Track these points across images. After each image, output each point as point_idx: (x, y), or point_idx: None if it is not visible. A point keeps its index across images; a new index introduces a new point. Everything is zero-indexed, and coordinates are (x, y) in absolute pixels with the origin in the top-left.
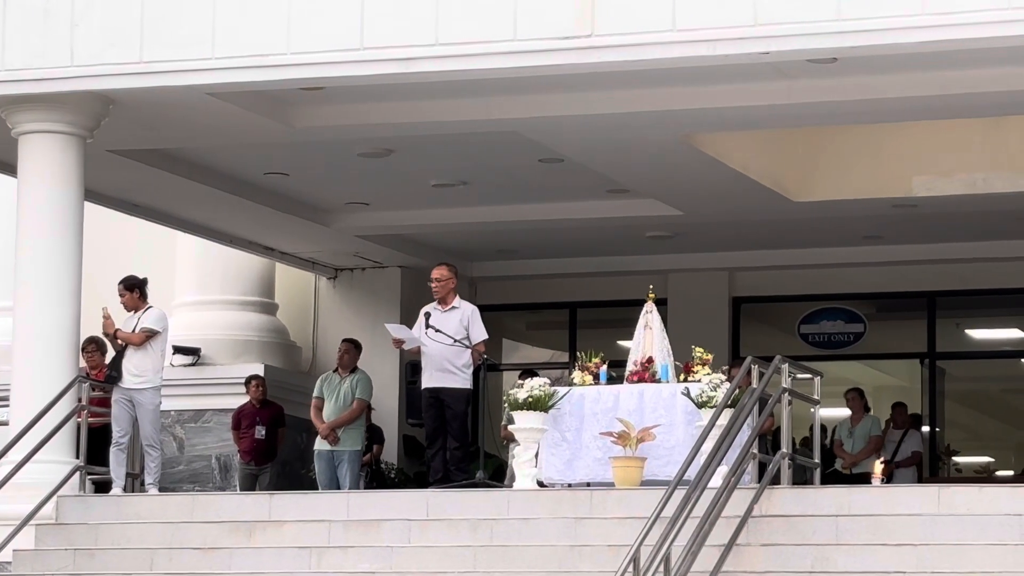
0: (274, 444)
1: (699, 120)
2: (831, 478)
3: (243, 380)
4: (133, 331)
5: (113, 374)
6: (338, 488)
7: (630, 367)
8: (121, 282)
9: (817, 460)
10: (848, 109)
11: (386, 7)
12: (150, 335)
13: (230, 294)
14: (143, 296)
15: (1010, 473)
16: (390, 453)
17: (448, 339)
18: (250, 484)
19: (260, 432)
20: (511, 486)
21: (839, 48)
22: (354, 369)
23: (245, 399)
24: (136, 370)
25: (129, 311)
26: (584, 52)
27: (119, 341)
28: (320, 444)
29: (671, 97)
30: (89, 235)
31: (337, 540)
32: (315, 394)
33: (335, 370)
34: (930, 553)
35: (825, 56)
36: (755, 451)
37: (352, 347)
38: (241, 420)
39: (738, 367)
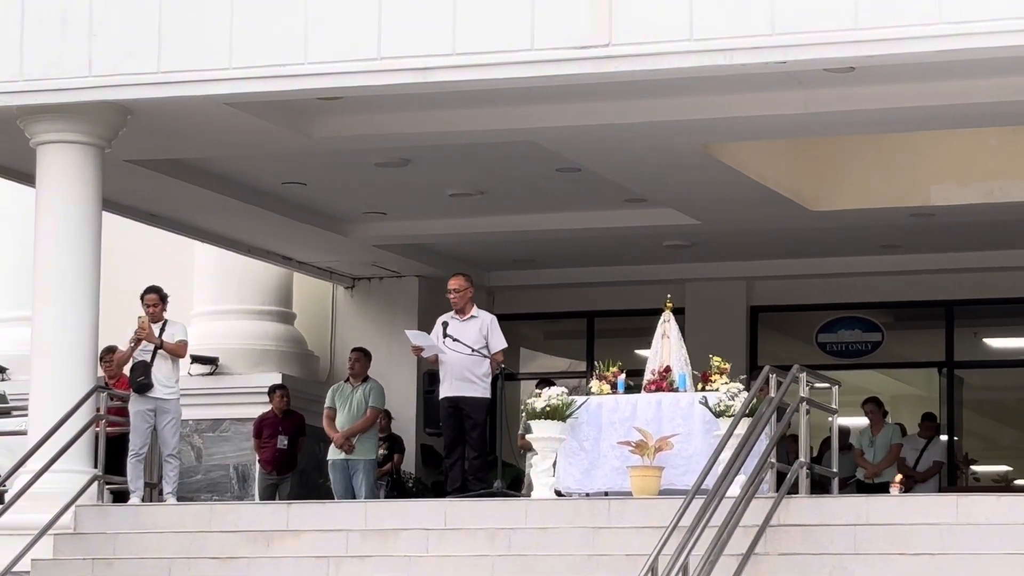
0: (295, 454)
1: (716, 129)
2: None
3: (260, 389)
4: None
5: (145, 382)
6: (354, 497)
7: (648, 376)
8: (154, 292)
9: (835, 469)
10: (865, 118)
11: (403, 17)
12: (186, 346)
13: (248, 303)
14: (166, 308)
15: None
16: (408, 462)
17: (466, 348)
18: (270, 494)
19: (283, 442)
20: (529, 495)
21: (856, 57)
22: (366, 378)
23: (263, 408)
24: (166, 380)
25: (155, 322)
26: (601, 61)
27: (135, 350)
28: (334, 454)
29: (688, 106)
30: (107, 245)
31: (355, 550)
32: (327, 404)
33: (346, 380)
34: (948, 562)
35: (842, 65)
36: (773, 460)
37: (363, 356)
38: (263, 429)
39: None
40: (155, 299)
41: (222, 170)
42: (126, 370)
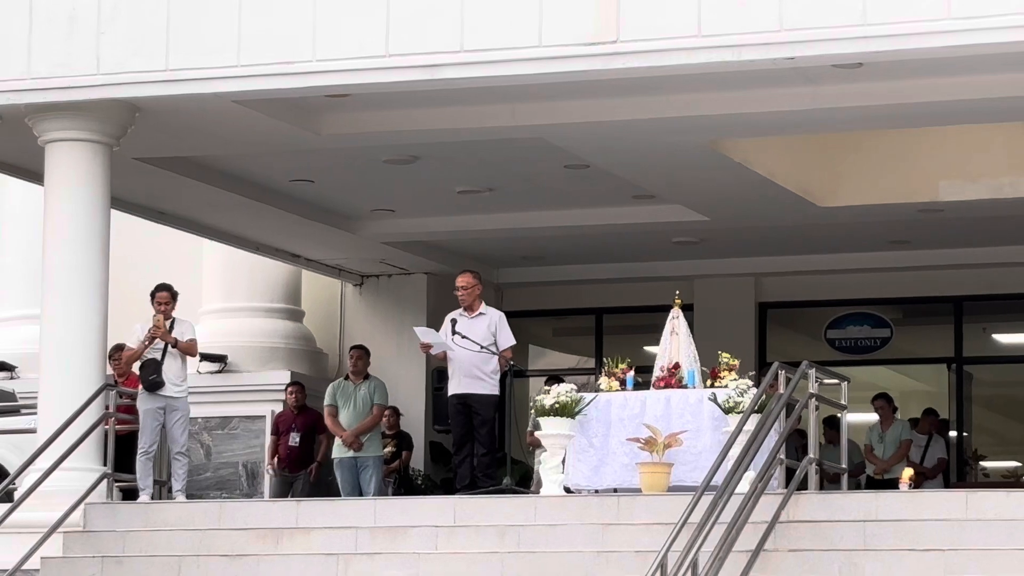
0: (309, 451)
1: (725, 126)
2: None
3: (269, 387)
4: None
5: (157, 380)
6: (362, 495)
7: (657, 373)
8: (165, 289)
9: (845, 465)
10: (874, 114)
11: (411, 14)
12: (196, 344)
13: (257, 301)
14: (175, 305)
15: None
16: (416, 459)
17: (475, 346)
18: (283, 491)
19: (294, 439)
20: (538, 492)
21: (864, 53)
22: (366, 375)
23: (272, 406)
24: (176, 378)
25: (167, 320)
26: (609, 58)
27: (147, 348)
28: (341, 452)
29: (696, 103)
30: (115, 243)
31: (364, 547)
32: (328, 402)
33: (346, 377)
34: (958, 558)
35: (850, 61)
36: (782, 456)
37: (364, 353)
38: (279, 426)
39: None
40: (166, 297)
41: (230, 168)
42: (135, 368)
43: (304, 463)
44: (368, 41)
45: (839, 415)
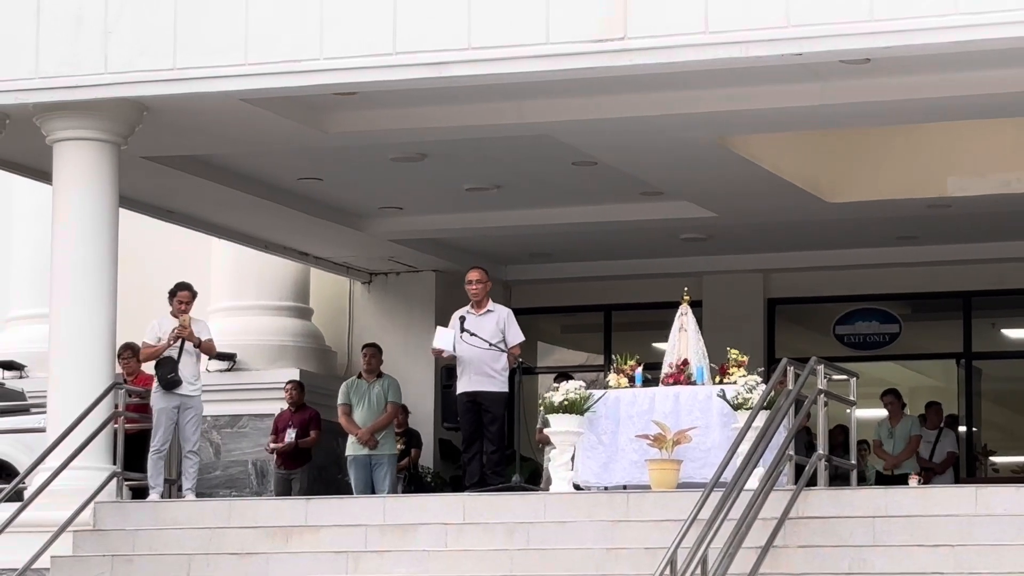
0: (305, 448)
1: (732, 122)
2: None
3: (278, 385)
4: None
5: (175, 378)
6: (373, 493)
7: (665, 369)
8: (186, 288)
9: (853, 461)
10: (881, 110)
11: (418, 12)
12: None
13: (265, 299)
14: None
15: None
16: (426, 457)
17: (484, 343)
18: (284, 488)
19: (289, 436)
20: (547, 489)
21: (872, 48)
22: (380, 374)
23: (280, 404)
24: (191, 377)
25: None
26: (616, 55)
27: (170, 347)
28: (355, 450)
29: (704, 99)
30: (124, 242)
31: (373, 545)
32: (341, 400)
33: (359, 375)
34: (968, 554)
35: (858, 57)
36: (791, 452)
37: (377, 351)
38: (278, 424)
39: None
40: (188, 296)
41: (238, 166)
42: (145, 367)
43: (300, 460)
44: (375, 39)
45: (848, 411)
